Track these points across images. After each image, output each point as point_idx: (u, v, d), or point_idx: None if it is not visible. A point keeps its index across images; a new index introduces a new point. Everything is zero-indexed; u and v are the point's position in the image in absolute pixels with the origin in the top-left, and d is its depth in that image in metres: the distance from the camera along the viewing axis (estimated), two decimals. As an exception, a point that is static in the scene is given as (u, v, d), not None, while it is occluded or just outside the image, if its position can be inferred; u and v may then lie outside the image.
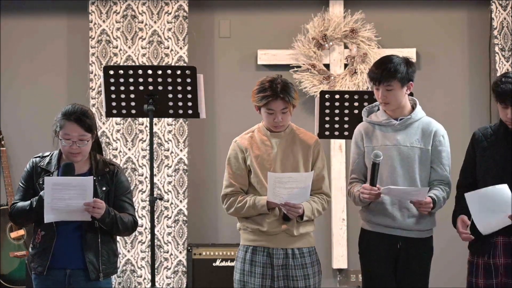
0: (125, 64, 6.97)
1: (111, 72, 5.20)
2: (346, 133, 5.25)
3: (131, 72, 5.19)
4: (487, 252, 4.39)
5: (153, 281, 5.19)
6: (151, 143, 5.27)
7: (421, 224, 4.48)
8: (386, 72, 4.40)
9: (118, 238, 4.56)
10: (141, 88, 5.20)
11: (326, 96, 5.24)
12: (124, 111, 5.27)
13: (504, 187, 4.23)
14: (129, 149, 7.04)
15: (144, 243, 6.97)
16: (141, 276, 6.98)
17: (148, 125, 6.44)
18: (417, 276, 4.49)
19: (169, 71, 5.18)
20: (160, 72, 5.18)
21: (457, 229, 4.40)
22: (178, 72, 5.19)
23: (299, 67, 7.12)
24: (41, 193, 4.20)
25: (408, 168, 4.45)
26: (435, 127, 4.52)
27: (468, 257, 4.50)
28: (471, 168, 4.48)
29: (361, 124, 4.61)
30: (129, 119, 7.00)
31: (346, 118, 5.19)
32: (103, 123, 7.00)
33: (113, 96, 5.22)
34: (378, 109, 4.58)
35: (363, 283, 4.57)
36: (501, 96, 4.35)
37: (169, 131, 7.03)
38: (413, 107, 4.54)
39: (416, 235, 4.48)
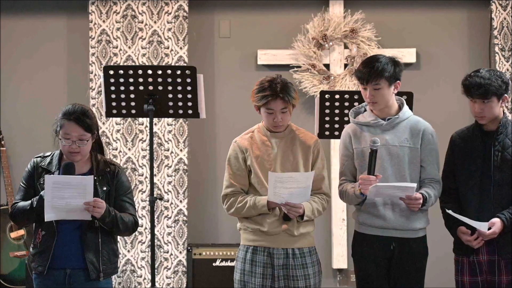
0: (125, 64, 6.97)
1: (111, 72, 5.20)
2: (346, 133, 5.25)
3: (131, 72, 5.19)
4: (471, 250, 4.44)
5: (153, 281, 5.19)
6: (151, 143, 5.27)
7: (414, 223, 4.47)
8: (374, 71, 4.40)
9: (118, 238, 4.56)
10: (141, 88, 5.20)
11: (326, 96, 5.24)
12: (124, 111, 5.27)
13: (485, 225, 4.36)
14: (129, 149, 7.04)
15: (144, 243, 6.97)
16: (141, 276, 6.99)
17: (148, 125, 6.44)
18: (412, 276, 4.49)
19: (169, 71, 5.18)
20: (160, 72, 5.18)
21: (467, 242, 4.47)
22: (178, 72, 5.19)
23: (299, 67, 7.12)
24: (41, 192, 4.20)
25: (398, 167, 4.45)
26: (423, 126, 4.53)
27: (454, 256, 4.54)
28: (452, 172, 4.53)
29: (348, 126, 4.61)
30: (129, 119, 7.00)
31: (346, 118, 5.17)
32: (103, 123, 7.00)
33: (113, 96, 5.22)
34: (365, 110, 4.58)
35: (357, 285, 4.57)
36: (468, 89, 4.44)
37: (169, 131, 7.03)
38: (400, 107, 4.54)
39: (409, 235, 4.47)
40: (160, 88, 5.19)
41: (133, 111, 5.26)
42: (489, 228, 4.39)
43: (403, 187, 4.35)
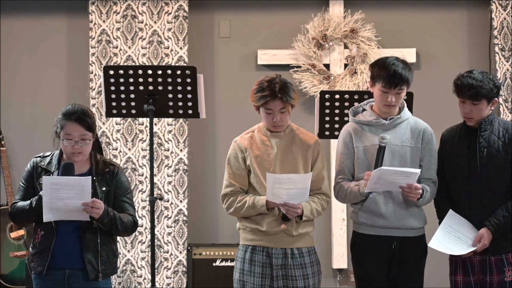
0: (125, 64, 6.97)
1: (111, 72, 5.20)
2: (346, 133, 5.25)
3: (131, 72, 5.19)
4: None
5: (153, 281, 5.19)
6: (151, 143, 5.27)
7: (415, 222, 4.50)
8: (397, 75, 4.44)
9: (118, 238, 4.57)
10: (141, 88, 5.19)
11: (326, 96, 5.24)
12: (124, 111, 5.26)
13: (467, 246, 4.44)
14: (129, 149, 7.04)
15: (144, 243, 6.97)
16: (141, 276, 6.99)
17: (148, 125, 6.44)
18: (413, 275, 4.51)
19: (169, 71, 5.18)
20: (160, 72, 5.18)
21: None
22: (178, 72, 5.19)
23: (299, 67, 7.12)
24: (41, 192, 4.20)
25: (400, 166, 4.45)
26: (423, 126, 4.58)
27: (448, 256, 4.57)
28: (443, 169, 4.57)
29: (348, 124, 4.62)
30: (129, 119, 7.00)
31: (346, 118, 5.16)
32: (103, 123, 7.00)
33: (113, 96, 5.22)
34: (363, 110, 4.60)
35: (357, 285, 4.57)
36: (459, 89, 4.50)
37: (169, 131, 7.03)
38: (400, 108, 4.57)
39: (410, 234, 4.50)
40: (160, 88, 5.18)
41: (133, 111, 5.25)
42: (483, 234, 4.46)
43: (407, 172, 4.36)
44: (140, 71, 5.18)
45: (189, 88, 5.19)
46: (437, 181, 4.55)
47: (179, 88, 5.19)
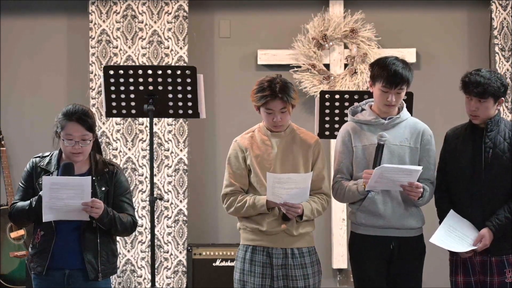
0: (125, 64, 6.97)
1: (111, 72, 5.20)
2: (346, 133, 5.25)
3: (131, 72, 5.19)
4: None
5: (153, 281, 5.19)
6: (151, 143, 5.27)
7: (413, 222, 4.51)
8: (398, 75, 4.45)
9: (118, 238, 4.56)
10: (141, 88, 5.20)
11: (326, 96, 5.24)
12: (124, 111, 5.27)
13: (468, 244, 4.44)
14: (129, 149, 7.04)
15: (144, 243, 6.97)
16: (141, 276, 6.99)
17: (148, 125, 6.44)
18: (411, 275, 4.52)
19: (169, 71, 5.18)
20: (160, 72, 5.18)
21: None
22: (178, 72, 5.19)
23: (299, 67, 7.12)
24: (40, 192, 4.20)
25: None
26: (422, 126, 4.59)
27: (449, 256, 4.57)
28: (445, 168, 4.58)
29: (347, 124, 4.63)
30: (129, 119, 7.00)
31: (346, 118, 5.16)
32: (103, 123, 7.00)
33: (113, 96, 5.22)
34: (362, 109, 4.61)
35: (355, 285, 4.57)
36: (466, 85, 4.49)
37: (169, 131, 7.03)
38: (399, 108, 4.59)
39: (409, 234, 4.51)
40: (160, 88, 5.19)
41: (133, 111, 5.26)
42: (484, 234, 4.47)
43: (409, 170, 4.36)
44: (140, 71, 5.19)
45: (189, 88, 5.19)
46: (435, 182, 4.56)
47: (179, 88, 5.19)
